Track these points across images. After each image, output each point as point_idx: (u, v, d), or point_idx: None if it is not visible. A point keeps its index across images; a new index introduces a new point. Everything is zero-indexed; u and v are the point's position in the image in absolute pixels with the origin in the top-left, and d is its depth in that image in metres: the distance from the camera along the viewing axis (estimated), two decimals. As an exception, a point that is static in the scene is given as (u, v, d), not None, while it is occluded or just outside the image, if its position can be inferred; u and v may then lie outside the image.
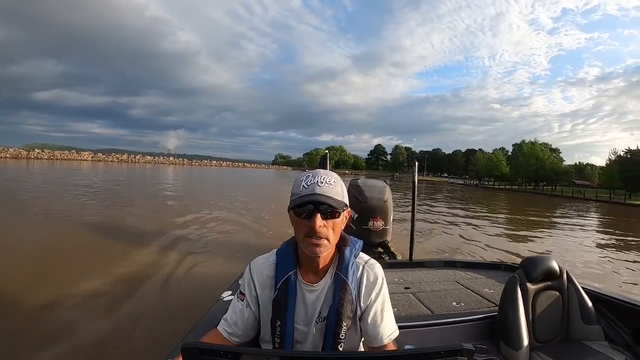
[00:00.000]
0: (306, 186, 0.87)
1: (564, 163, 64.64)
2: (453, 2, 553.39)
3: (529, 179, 57.98)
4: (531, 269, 1.68)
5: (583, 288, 1.75)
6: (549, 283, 1.71)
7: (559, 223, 14.51)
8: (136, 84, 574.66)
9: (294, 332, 0.94)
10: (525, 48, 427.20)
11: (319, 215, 0.85)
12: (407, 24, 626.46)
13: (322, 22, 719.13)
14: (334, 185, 0.89)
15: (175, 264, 4.97)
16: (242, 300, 0.99)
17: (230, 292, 1.78)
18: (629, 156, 46.89)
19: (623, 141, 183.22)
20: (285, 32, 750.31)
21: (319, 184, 0.87)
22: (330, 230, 0.88)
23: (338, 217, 0.89)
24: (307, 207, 0.86)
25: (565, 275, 1.74)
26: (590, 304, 1.71)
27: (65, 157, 57.67)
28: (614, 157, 48.39)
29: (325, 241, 0.87)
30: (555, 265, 1.72)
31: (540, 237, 10.28)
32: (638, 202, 32.21)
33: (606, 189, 44.28)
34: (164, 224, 7.86)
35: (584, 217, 17.96)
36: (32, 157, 52.29)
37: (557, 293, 1.71)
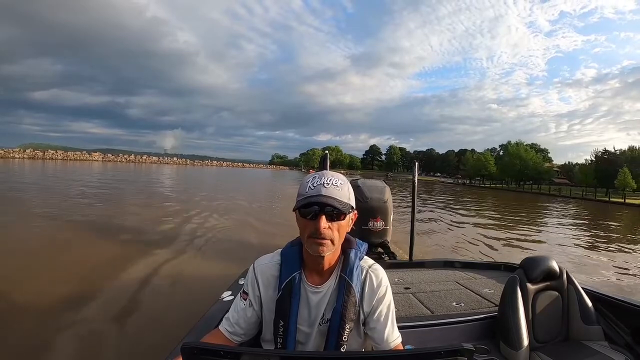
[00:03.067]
0: (312, 187, 0.86)
1: (554, 162, 67.79)
2: (453, 4, 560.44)
3: (515, 178, 59.14)
4: (531, 269, 1.66)
5: (583, 288, 1.73)
6: (549, 283, 1.68)
7: (497, 209, 19.10)
8: (134, 83, 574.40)
9: (296, 332, 0.93)
10: (523, 50, 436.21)
11: (323, 217, 0.84)
12: (406, 26, 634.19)
13: (322, 23, 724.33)
14: (340, 187, 0.87)
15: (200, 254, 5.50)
16: (245, 300, 0.97)
17: (230, 292, 1.75)
18: (606, 156, 50.40)
19: (619, 141, 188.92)
20: (285, 33, 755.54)
21: (325, 185, 0.85)
22: (335, 232, 0.86)
23: (343, 219, 0.87)
24: (313, 208, 0.84)
25: (565, 276, 1.71)
26: (590, 304, 1.68)
27: (78, 158, 59.90)
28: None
29: (329, 242, 0.86)
30: (555, 265, 1.69)
31: (485, 217, 14.07)
32: (606, 199, 33.77)
33: (582, 187, 45.92)
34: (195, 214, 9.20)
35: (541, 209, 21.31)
36: (48, 157, 54.38)
37: (557, 293, 1.69)
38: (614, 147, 50.01)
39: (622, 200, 30.76)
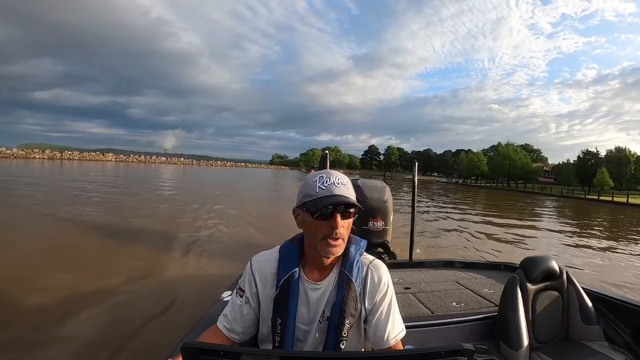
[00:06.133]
0: (323, 187, 0.84)
1: (550, 162, 69.67)
2: (456, 6, 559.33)
3: (505, 177, 60.10)
4: (531, 269, 1.64)
5: (583, 288, 1.70)
6: (549, 283, 1.66)
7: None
8: (136, 84, 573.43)
9: (294, 330, 0.90)
10: (524, 51, 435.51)
11: (339, 216, 0.83)
12: (409, 27, 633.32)
13: (325, 24, 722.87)
14: (348, 186, 0.86)
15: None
16: (242, 297, 0.94)
17: (230, 292, 1.70)
18: (588, 157, 53.19)
19: (619, 141, 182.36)
20: (288, 34, 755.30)
21: (336, 184, 0.84)
22: (346, 231, 0.86)
23: (353, 217, 0.87)
24: (327, 208, 0.83)
25: (565, 276, 1.68)
26: (590, 304, 1.65)
27: (93, 158, 62.30)
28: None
29: (342, 241, 0.86)
30: (555, 265, 1.66)
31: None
32: (582, 196, 35.25)
33: (565, 186, 47.12)
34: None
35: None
36: (65, 158, 57.13)
37: (557, 293, 1.66)
38: (596, 148, 52.48)
39: (597, 198, 32.58)
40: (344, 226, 0.86)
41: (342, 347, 0.89)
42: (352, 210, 0.86)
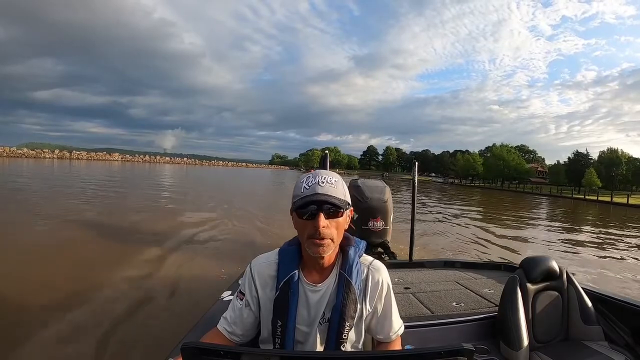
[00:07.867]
0: (307, 187, 0.83)
1: (547, 163, 72.51)
2: (457, 8, 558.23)
3: (499, 177, 61.22)
4: (531, 269, 1.62)
5: (583, 288, 1.68)
6: (549, 283, 1.64)
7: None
8: (138, 84, 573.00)
9: (295, 332, 0.89)
10: (524, 53, 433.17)
11: (322, 216, 0.81)
12: (411, 29, 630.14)
13: (327, 25, 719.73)
14: (335, 185, 0.84)
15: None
16: (242, 300, 0.94)
17: (230, 292, 1.71)
18: (578, 158, 54.91)
19: (618, 142, 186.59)
20: (290, 35, 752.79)
21: (320, 183, 0.83)
22: (333, 230, 0.83)
23: (341, 216, 0.84)
24: (310, 207, 0.81)
25: (565, 276, 1.67)
26: (590, 304, 1.64)
27: (100, 158, 63.70)
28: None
29: (329, 241, 0.83)
30: (555, 265, 1.65)
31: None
32: (570, 195, 36.35)
33: (556, 185, 48.13)
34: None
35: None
36: (74, 157, 58.39)
37: (557, 293, 1.65)
38: (586, 150, 54.65)
39: (583, 197, 33.73)
40: (331, 226, 0.83)
41: (343, 348, 0.89)
42: (340, 209, 0.83)
